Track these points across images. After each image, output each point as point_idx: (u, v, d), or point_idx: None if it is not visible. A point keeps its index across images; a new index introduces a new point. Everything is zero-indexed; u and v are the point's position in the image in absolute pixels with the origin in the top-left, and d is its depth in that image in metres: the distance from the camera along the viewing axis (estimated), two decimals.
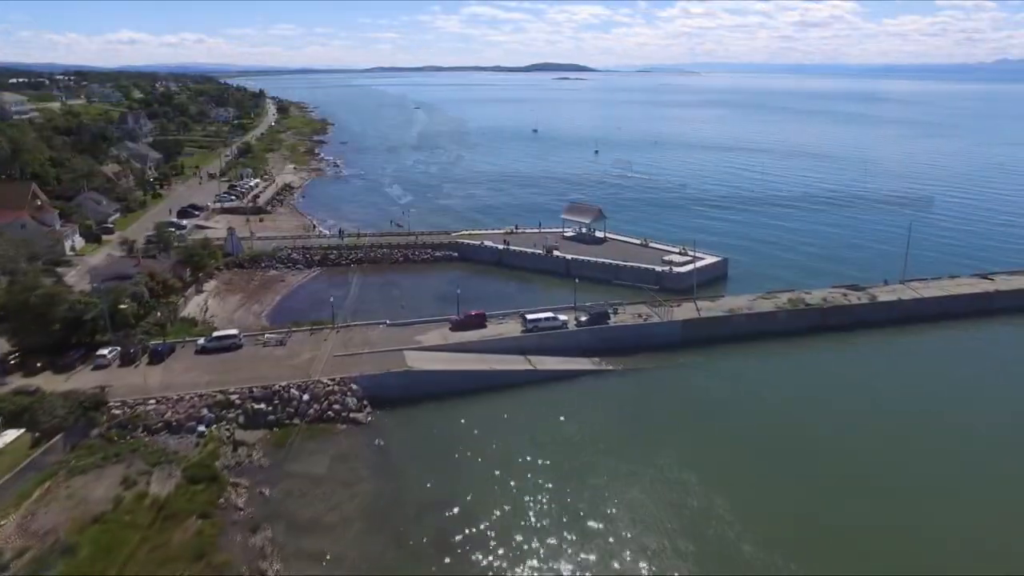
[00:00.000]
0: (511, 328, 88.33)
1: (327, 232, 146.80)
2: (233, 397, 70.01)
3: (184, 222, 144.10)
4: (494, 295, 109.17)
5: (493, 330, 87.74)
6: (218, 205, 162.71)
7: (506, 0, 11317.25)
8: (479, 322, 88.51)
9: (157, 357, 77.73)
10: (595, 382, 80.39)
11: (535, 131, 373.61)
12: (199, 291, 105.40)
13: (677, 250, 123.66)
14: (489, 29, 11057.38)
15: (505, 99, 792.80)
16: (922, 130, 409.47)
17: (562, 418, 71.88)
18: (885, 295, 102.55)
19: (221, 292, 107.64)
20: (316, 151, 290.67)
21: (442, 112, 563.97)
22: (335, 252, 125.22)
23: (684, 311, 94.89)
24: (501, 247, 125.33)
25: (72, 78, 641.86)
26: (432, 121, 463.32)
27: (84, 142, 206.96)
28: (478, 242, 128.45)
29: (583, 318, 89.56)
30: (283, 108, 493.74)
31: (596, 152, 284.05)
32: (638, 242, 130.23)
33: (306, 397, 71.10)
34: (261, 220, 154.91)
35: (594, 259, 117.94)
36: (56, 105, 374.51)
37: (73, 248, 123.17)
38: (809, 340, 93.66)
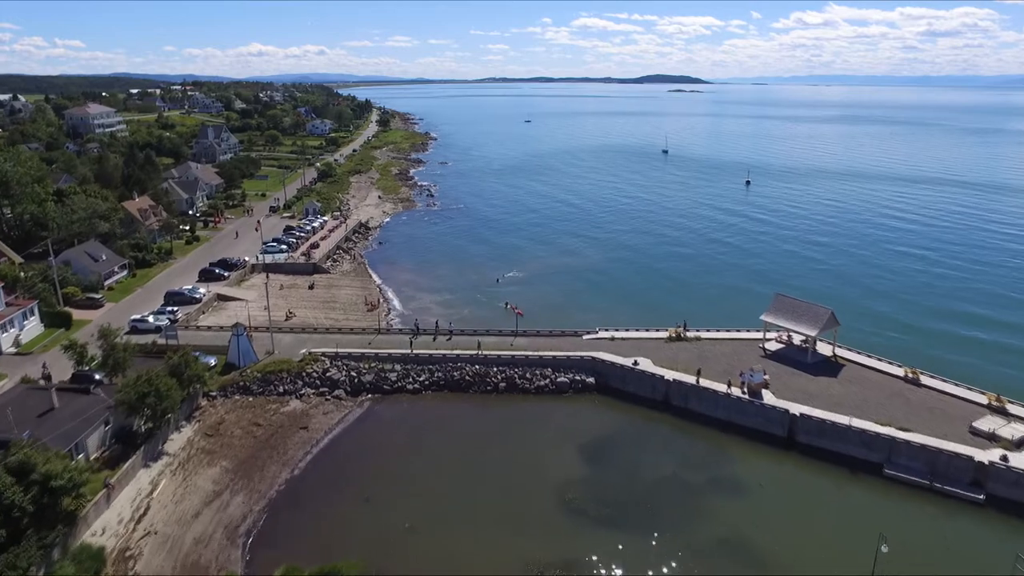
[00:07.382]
0: None
1: (396, 309, 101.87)
2: None
3: (200, 290, 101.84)
4: (668, 494, 58.87)
5: None
6: (260, 259, 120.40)
7: (616, 12, 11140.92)
8: None
9: None
10: None
11: (665, 152, 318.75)
12: (149, 461, 60.65)
13: (985, 401, 69.01)
14: (599, 41, 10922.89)
15: (620, 112, 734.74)
16: None
17: None
18: None
19: (191, 458, 62.40)
20: (410, 173, 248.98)
21: (554, 126, 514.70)
22: (398, 368, 78.31)
23: None
24: (670, 378, 74.16)
25: (190, 87, 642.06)
26: (544, 136, 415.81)
27: (136, 163, 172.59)
28: (628, 361, 77.80)
29: None
30: (384, 120, 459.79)
31: (748, 183, 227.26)
32: (899, 373, 75.79)
33: None
34: (311, 287, 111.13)
35: (840, 421, 64.95)
36: (152, 117, 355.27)
37: (17, 343, 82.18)
38: None
